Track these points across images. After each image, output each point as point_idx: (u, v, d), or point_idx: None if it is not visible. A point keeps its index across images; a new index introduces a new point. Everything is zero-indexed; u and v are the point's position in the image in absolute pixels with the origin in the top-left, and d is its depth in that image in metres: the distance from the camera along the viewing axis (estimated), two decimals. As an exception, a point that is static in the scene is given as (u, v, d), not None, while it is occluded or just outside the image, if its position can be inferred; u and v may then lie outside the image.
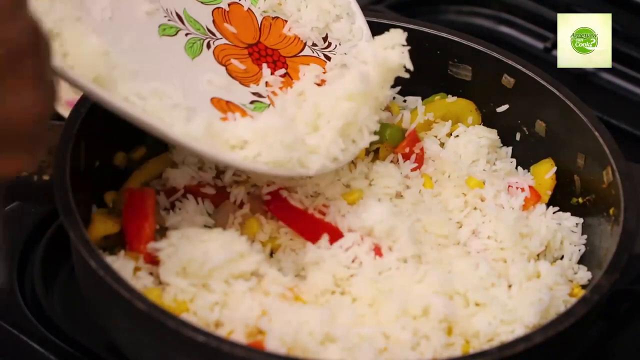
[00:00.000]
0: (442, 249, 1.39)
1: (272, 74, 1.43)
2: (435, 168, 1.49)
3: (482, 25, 2.03)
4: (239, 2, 1.47)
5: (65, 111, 1.57)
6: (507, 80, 1.53)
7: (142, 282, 1.30)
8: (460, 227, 1.44)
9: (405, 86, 1.59)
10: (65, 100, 1.60)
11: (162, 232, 1.35)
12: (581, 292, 1.35)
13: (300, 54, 1.48)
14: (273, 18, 1.49)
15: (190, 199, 1.40)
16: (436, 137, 1.54)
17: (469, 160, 1.51)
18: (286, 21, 1.49)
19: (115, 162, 1.43)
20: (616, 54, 1.78)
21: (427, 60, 1.56)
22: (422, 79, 1.58)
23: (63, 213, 1.26)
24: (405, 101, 1.59)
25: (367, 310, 1.27)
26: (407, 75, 1.39)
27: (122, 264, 1.30)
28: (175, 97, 1.28)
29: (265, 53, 1.46)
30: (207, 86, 1.37)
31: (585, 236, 1.45)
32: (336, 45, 1.49)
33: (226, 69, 1.40)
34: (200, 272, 1.28)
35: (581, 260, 1.43)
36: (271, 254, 1.38)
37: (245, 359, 1.16)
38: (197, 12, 1.43)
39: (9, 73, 0.98)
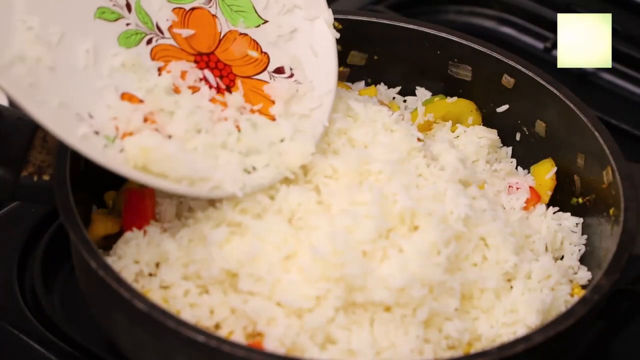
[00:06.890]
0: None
1: (211, 88, 1.35)
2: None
3: (482, 25, 2.03)
4: (206, 7, 1.40)
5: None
6: (507, 80, 1.53)
7: (142, 282, 1.30)
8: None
9: (405, 86, 1.59)
10: None
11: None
12: (581, 292, 1.35)
13: (256, 76, 1.40)
14: (241, 34, 1.42)
15: (190, 199, 1.39)
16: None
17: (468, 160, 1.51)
18: (255, 41, 1.41)
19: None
20: (616, 54, 1.78)
21: (427, 60, 1.56)
22: (422, 79, 1.58)
23: (63, 213, 1.26)
24: (405, 101, 1.59)
25: (369, 314, 1.27)
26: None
27: (122, 264, 1.30)
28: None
29: (215, 65, 1.38)
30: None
31: (585, 236, 1.44)
32: (296, 80, 1.40)
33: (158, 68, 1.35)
34: (201, 273, 1.28)
35: (581, 260, 1.43)
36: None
37: (245, 359, 1.16)
38: (151, 6, 1.36)
39: None
